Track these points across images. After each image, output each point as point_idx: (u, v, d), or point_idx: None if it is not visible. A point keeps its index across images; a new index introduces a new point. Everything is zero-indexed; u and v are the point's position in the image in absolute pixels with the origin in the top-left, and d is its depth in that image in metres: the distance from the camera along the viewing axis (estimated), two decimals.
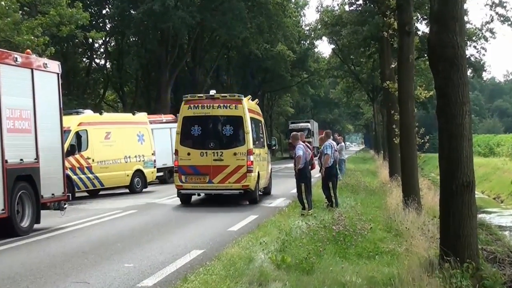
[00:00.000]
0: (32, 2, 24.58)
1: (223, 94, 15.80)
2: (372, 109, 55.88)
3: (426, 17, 27.04)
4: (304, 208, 12.86)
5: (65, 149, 13.03)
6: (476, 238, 6.66)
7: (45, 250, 9.30)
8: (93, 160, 18.48)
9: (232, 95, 15.67)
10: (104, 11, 39.73)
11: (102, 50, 44.57)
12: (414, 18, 17.13)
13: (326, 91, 70.15)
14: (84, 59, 44.19)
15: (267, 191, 17.94)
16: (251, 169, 14.92)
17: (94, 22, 35.52)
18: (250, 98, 17.24)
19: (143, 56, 40.17)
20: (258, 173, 15.71)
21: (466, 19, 31.76)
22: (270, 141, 19.28)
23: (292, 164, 13.84)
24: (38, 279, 7.30)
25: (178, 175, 15.07)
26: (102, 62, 45.31)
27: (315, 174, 16.02)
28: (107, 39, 40.76)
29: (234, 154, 14.91)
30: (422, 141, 14.01)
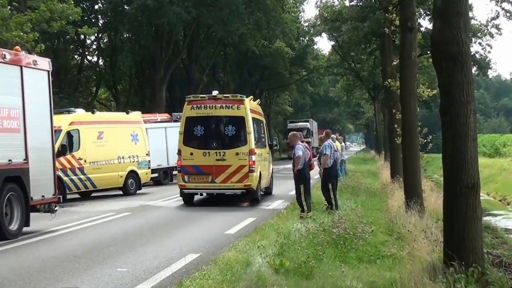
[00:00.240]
0: None
1: (226, 95, 16.31)
2: (373, 108, 55.97)
3: (429, 12, 27.10)
4: (303, 210, 12.85)
5: (55, 149, 13.00)
6: (481, 242, 6.65)
7: (34, 254, 9.27)
8: (85, 160, 18.45)
9: (234, 96, 16.22)
10: (96, 6, 39.64)
11: (94, 46, 44.56)
12: (417, 13, 17.16)
13: (326, 90, 70.21)
14: (75, 56, 44.14)
15: (269, 191, 18.51)
16: (253, 169, 15.45)
17: (86, 17, 35.50)
18: (252, 99, 17.75)
19: (137, 53, 40.14)
20: (260, 173, 16.23)
21: (470, 15, 31.89)
22: (271, 141, 19.88)
23: (290, 165, 13.84)
24: (27, 284, 7.27)
25: (181, 175, 15.59)
26: (95, 59, 45.28)
27: (314, 175, 16.05)
28: (100, 35, 40.73)
29: (236, 154, 15.44)
30: (425, 141, 14.00)
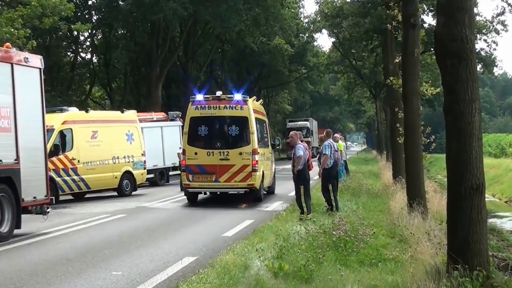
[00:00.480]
0: None
1: (229, 95, 16.72)
2: (374, 106, 55.94)
3: (432, 8, 27.10)
4: (302, 212, 12.85)
5: (48, 149, 12.97)
6: (486, 244, 6.64)
7: (26, 257, 9.25)
8: (78, 161, 18.42)
9: (237, 96, 16.63)
10: (90, 2, 39.68)
11: (88, 43, 44.54)
12: (420, 9, 17.15)
13: (326, 88, 70.25)
14: (68, 53, 44.10)
15: (271, 190, 19.20)
16: (256, 168, 16.06)
17: (79, 13, 35.48)
18: (255, 99, 18.50)
19: (132, 50, 40.14)
20: (263, 172, 16.82)
21: (475, 11, 31.99)
22: (274, 140, 20.41)
23: (289, 165, 13.85)
24: None
25: (186, 174, 16.23)
26: (88, 56, 45.31)
27: (314, 176, 16.07)
28: (94, 32, 40.68)
29: (240, 153, 16.06)
30: (428, 140, 13.99)
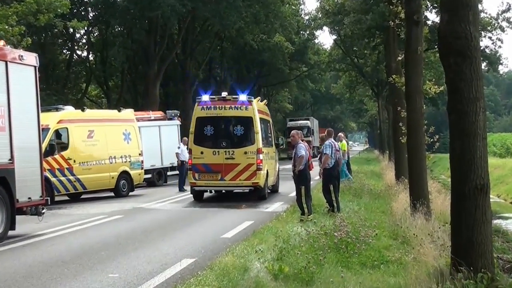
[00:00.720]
0: None
1: (234, 96, 17.45)
2: (376, 105, 55.99)
3: (436, 5, 27.07)
4: (303, 213, 12.84)
5: (43, 148, 12.96)
6: (491, 246, 6.64)
7: (20, 259, 9.24)
8: (74, 161, 18.41)
9: (242, 97, 17.36)
10: None
11: (84, 40, 44.49)
12: (423, 6, 17.14)
13: (327, 86, 70.21)
14: (64, 51, 44.10)
15: (275, 189, 19.87)
16: (261, 167, 16.81)
17: (75, 10, 35.47)
18: (260, 99, 19.64)
19: (129, 47, 40.10)
20: (267, 171, 17.61)
21: (480, 7, 31.86)
22: (278, 140, 21.07)
23: (289, 165, 13.85)
24: None
25: (192, 173, 17.02)
26: (85, 54, 45.28)
27: (315, 176, 16.07)
28: (90, 29, 40.68)
29: (245, 153, 16.83)
30: (432, 140, 13.99)
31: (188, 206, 16.51)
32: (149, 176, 23.79)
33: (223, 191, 18.57)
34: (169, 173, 25.52)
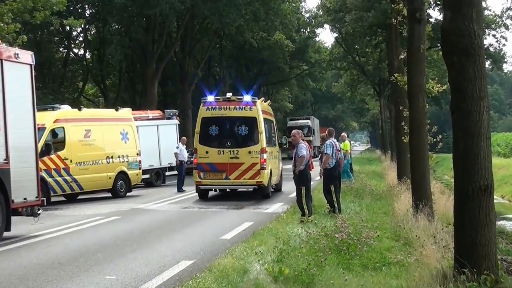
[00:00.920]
0: None
1: (239, 97, 18.09)
2: (378, 104, 55.95)
3: (439, 2, 27.09)
4: (303, 214, 12.84)
5: (39, 148, 12.96)
6: (495, 248, 6.64)
7: (16, 261, 9.22)
8: (71, 160, 18.40)
9: (247, 98, 18.02)
10: None
11: (81, 38, 44.51)
12: (426, 3, 17.12)
13: (328, 85, 70.25)
14: (60, 49, 44.08)
15: (279, 188, 20.45)
16: (264, 166, 17.50)
17: (71, 7, 35.42)
18: (263, 100, 20.42)
19: (127, 45, 40.05)
20: (271, 170, 18.21)
21: (484, 5, 31.90)
22: (281, 140, 21.54)
23: (289, 165, 13.85)
24: None
25: (197, 172, 17.75)
26: (81, 52, 45.22)
27: (316, 176, 16.07)
28: (87, 27, 40.65)
29: (249, 152, 17.53)
30: (434, 140, 13.99)
31: (186, 207, 16.50)
32: (147, 176, 23.79)
33: (228, 190, 19.23)
34: (167, 173, 25.53)
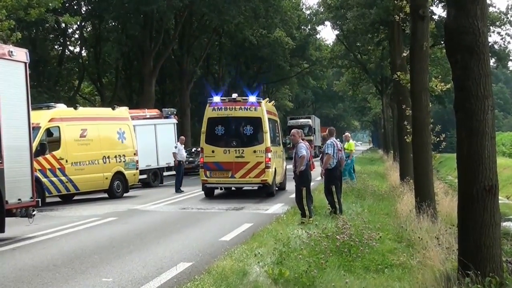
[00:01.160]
0: None
1: (244, 98, 18.98)
2: (380, 103, 56.01)
3: None
4: (304, 215, 12.83)
5: (34, 148, 12.95)
6: (499, 249, 6.63)
7: (10, 263, 9.23)
8: (66, 160, 18.39)
9: (252, 98, 18.80)
10: None
11: (77, 36, 44.55)
12: (429, 0, 17.13)
13: (329, 83, 70.29)
14: (56, 47, 44.11)
15: (283, 186, 21.12)
16: (269, 165, 18.25)
17: (67, 4, 35.44)
18: (268, 100, 21.41)
19: (124, 43, 40.11)
20: (275, 169, 18.96)
21: (488, 2, 31.92)
22: (285, 139, 22.44)
23: (290, 165, 13.85)
24: None
25: (203, 171, 18.58)
26: (77, 49, 45.31)
27: (317, 177, 16.07)
28: (83, 24, 40.69)
29: (254, 151, 18.28)
30: (438, 139, 14.00)
31: (185, 208, 16.49)
32: (144, 176, 23.80)
33: (233, 188, 20.00)
34: (165, 173, 25.54)
